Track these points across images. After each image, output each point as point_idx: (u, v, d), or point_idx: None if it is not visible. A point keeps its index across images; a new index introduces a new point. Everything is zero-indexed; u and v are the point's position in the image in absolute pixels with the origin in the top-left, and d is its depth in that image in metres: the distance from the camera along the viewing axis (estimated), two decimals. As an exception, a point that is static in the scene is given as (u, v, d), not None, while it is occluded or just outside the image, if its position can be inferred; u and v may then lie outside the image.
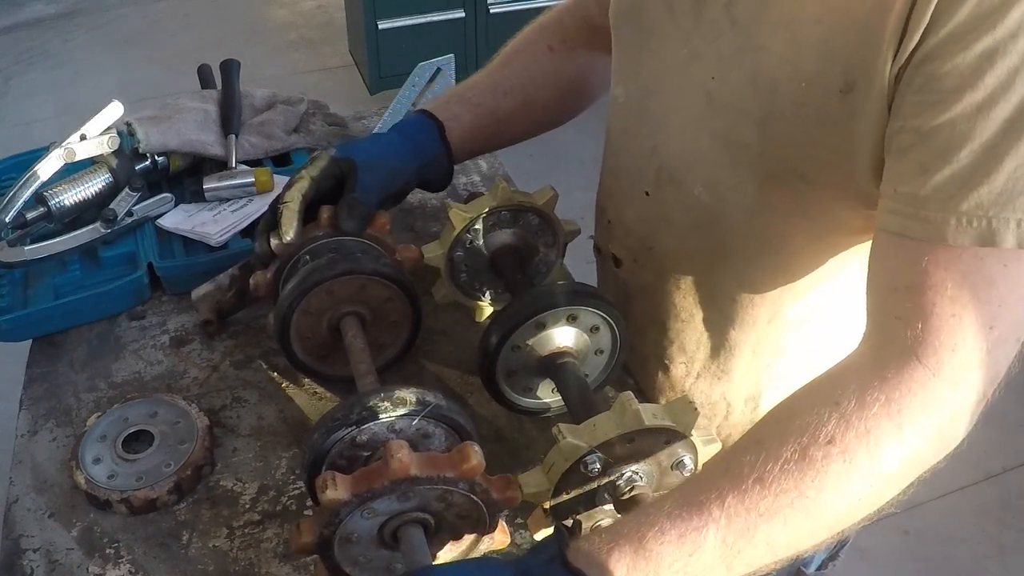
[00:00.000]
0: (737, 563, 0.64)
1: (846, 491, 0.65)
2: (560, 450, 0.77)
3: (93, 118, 1.23)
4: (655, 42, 0.90)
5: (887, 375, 0.66)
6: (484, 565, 0.67)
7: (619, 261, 1.04)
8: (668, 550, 0.63)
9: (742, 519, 0.63)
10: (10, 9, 5.07)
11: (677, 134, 0.89)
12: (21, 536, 0.89)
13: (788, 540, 0.65)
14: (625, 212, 1.00)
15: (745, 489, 0.64)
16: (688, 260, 0.95)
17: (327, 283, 0.95)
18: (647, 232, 0.98)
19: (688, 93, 0.86)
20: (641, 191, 0.95)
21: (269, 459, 0.97)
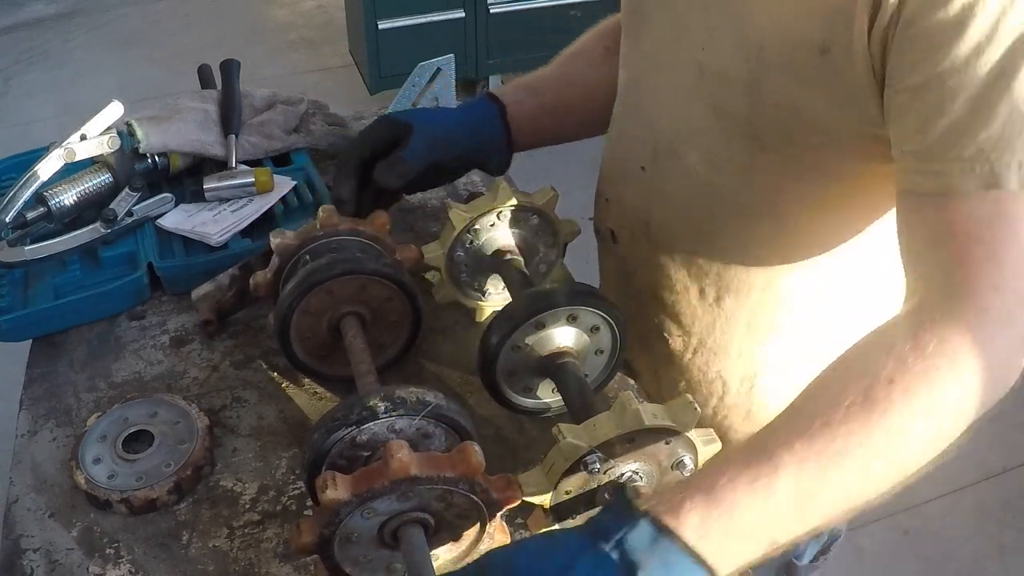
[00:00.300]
0: (810, 510, 0.64)
1: (911, 430, 0.65)
2: (560, 450, 0.77)
3: (93, 118, 1.23)
4: (649, 25, 0.94)
5: (937, 318, 0.67)
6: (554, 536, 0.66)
7: (616, 237, 1.06)
8: (741, 497, 0.63)
9: (812, 463, 0.63)
10: (10, 9, 5.07)
11: (671, 108, 0.91)
12: (21, 536, 0.89)
13: (860, 484, 0.65)
14: (622, 190, 1.03)
15: (813, 434, 0.64)
16: (684, 232, 0.96)
17: (327, 283, 0.95)
18: (644, 207, 0.99)
19: (680, 67, 0.89)
20: (637, 167, 0.98)
21: (269, 459, 0.97)
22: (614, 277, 1.09)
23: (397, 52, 3.67)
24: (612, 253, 1.08)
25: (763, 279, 0.94)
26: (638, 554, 0.61)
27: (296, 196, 1.31)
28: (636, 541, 0.61)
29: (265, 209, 1.28)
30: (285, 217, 1.28)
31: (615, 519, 0.63)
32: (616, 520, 0.63)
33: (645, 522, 0.62)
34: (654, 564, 0.60)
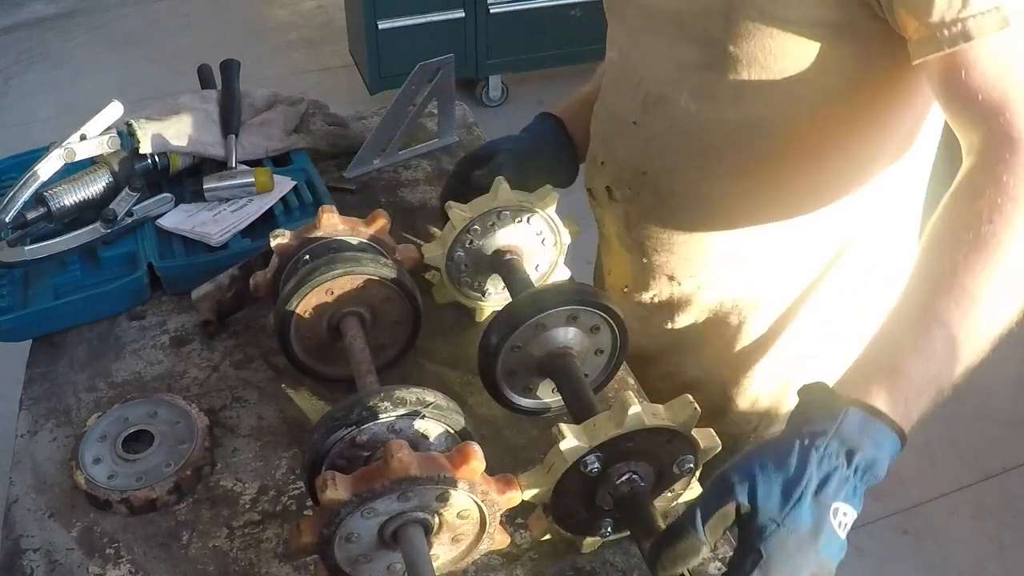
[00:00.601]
0: (963, 354, 0.73)
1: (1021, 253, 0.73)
2: (560, 450, 0.77)
3: (93, 118, 1.24)
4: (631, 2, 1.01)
5: (1005, 157, 0.75)
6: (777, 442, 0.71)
7: (614, 193, 1.09)
8: (911, 364, 0.72)
9: (956, 314, 0.72)
10: (10, 9, 5.07)
11: (657, 61, 0.97)
12: (21, 536, 0.89)
13: (997, 315, 0.74)
14: (615, 147, 1.07)
15: (946, 289, 0.73)
16: (682, 171, 1.00)
17: (327, 283, 0.95)
18: (639, 158, 1.03)
19: (663, 22, 0.95)
20: (628, 123, 1.03)
21: (269, 459, 0.97)
22: (616, 236, 1.12)
23: (397, 52, 3.67)
24: (611, 210, 1.11)
25: (764, 203, 0.98)
26: (854, 440, 0.69)
27: (296, 196, 1.31)
28: (849, 429, 0.69)
29: (265, 209, 1.28)
30: (285, 217, 1.28)
31: (825, 415, 0.70)
32: (826, 416, 0.70)
33: (854, 410, 0.69)
34: (867, 444, 0.69)
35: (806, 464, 0.68)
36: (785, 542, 0.66)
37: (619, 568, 0.86)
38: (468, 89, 3.97)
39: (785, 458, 0.68)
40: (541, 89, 4.11)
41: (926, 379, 0.72)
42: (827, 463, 0.68)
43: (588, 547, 0.87)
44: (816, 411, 0.71)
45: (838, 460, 0.68)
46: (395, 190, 1.41)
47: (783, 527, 0.66)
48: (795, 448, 0.68)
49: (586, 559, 0.87)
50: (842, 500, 0.68)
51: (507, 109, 4.05)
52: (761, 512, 0.66)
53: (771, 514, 0.66)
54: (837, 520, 0.68)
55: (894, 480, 2.70)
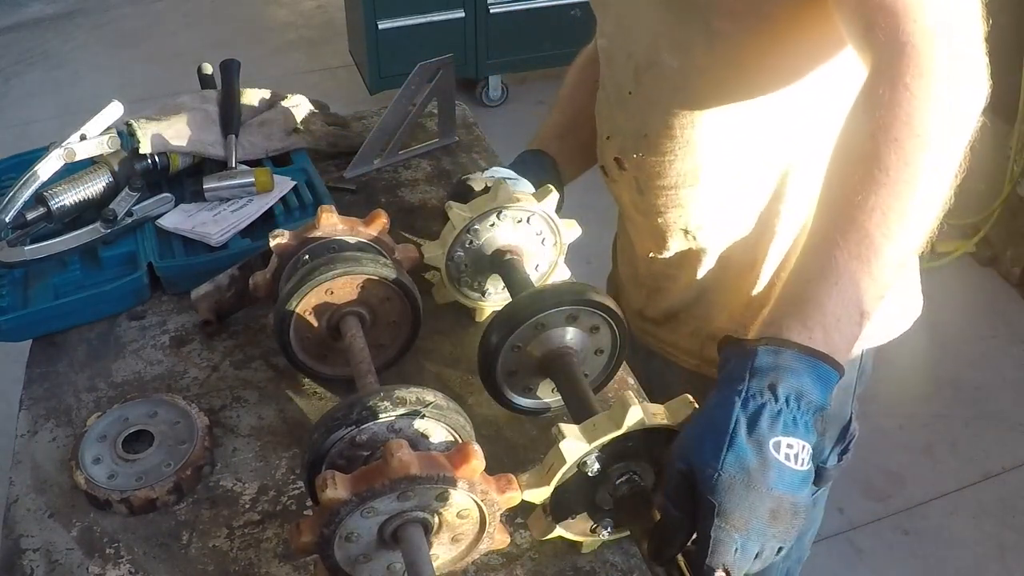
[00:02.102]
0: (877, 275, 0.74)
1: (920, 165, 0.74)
2: (560, 450, 0.77)
3: (93, 118, 1.24)
4: None
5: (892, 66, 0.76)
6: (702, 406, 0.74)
7: (622, 163, 1.12)
8: (823, 294, 0.73)
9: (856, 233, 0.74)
10: (10, 9, 5.08)
11: (645, 31, 1.02)
12: (21, 536, 0.89)
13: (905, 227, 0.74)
14: (617, 119, 1.12)
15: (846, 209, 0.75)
16: (675, 126, 1.02)
17: (327, 283, 0.95)
18: (638, 123, 1.07)
19: None
20: (625, 94, 1.08)
21: (269, 459, 0.97)
22: (632, 205, 1.15)
23: (397, 52, 3.67)
24: (621, 180, 1.14)
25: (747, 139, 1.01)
26: (770, 373, 0.70)
27: (296, 196, 1.31)
28: (763, 365, 0.70)
29: (265, 209, 1.28)
30: (285, 217, 1.28)
31: (738, 361, 0.72)
32: (740, 360, 0.72)
33: (762, 348, 0.71)
34: (786, 374, 0.70)
35: (729, 409, 0.70)
36: (731, 484, 0.68)
37: (619, 568, 0.86)
38: (468, 89, 3.97)
39: (709, 412, 0.71)
40: (541, 89, 4.11)
41: (840, 304, 0.73)
42: (752, 403, 0.70)
43: (588, 547, 0.87)
44: (730, 360, 0.73)
45: (763, 398, 0.70)
46: (395, 190, 1.41)
47: (724, 472, 0.68)
48: (715, 400, 0.72)
49: (586, 559, 0.87)
50: (781, 433, 0.69)
51: (507, 109, 4.05)
52: (699, 467, 0.69)
53: (708, 465, 0.68)
54: (783, 454, 0.69)
55: (894, 480, 2.71)
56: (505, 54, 3.90)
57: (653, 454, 0.80)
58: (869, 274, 0.74)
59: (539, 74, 4.13)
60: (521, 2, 3.79)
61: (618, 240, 1.33)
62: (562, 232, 1.10)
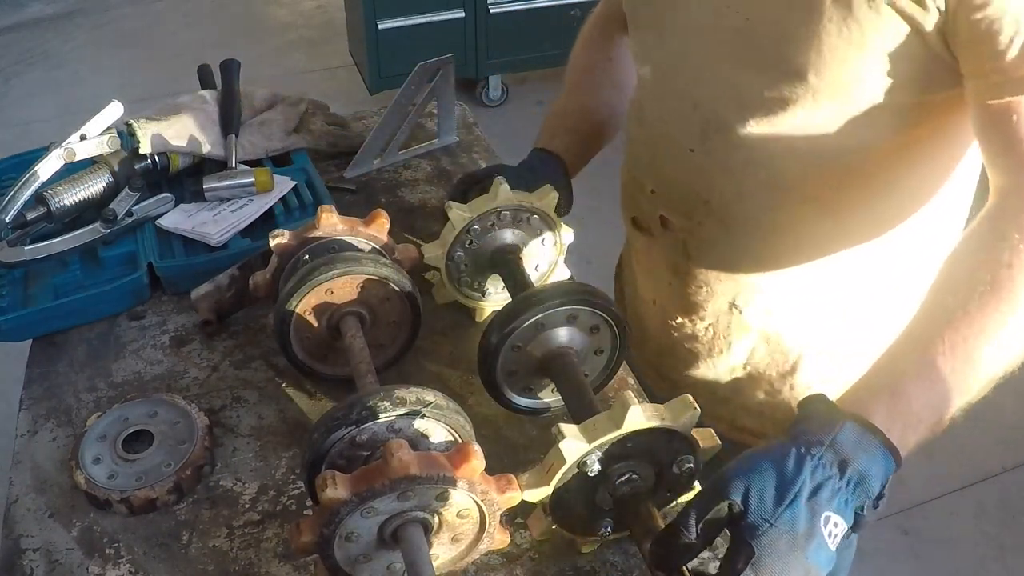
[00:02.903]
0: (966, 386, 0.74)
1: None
2: (560, 450, 0.77)
3: (93, 118, 1.24)
4: (675, 13, 0.95)
5: (1012, 194, 0.78)
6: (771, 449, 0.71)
7: (668, 223, 1.06)
8: (912, 389, 0.74)
9: (961, 348, 0.74)
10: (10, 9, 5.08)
11: (718, 83, 0.93)
12: (21, 536, 0.89)
13: (1002, 355, 0.75)
14: (669, 175, 1.04)
15: (956, 323, 0.75)
16: (748, 200, 0.97)
17: (326, 283, 0.95)
18: (700, 187, 1.00)
19: (722, 43, 0.91)
20: (684, 150, 0.99)
21: (269, 459, 0.97)
22: (668, 266, 1.09)
23: (397, 52, 3.67)
24: (664, 240, 1.08)
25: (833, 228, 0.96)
26: (847, 451, 0.70)
27: (296, 196, 1.31)
28: (844, 441, 0.70)
29: (265, 209, 1.28)
30: (285, 217, 1.28)
31: (822, 425, 0.71)
32: (824, 426, 0.71)
33: (851, 424, 0.71)
34: (861, 457, 0.70)
35: (801, 469, 0.69)
36: (777, 541, 0.67)
37: (619, 568, 0.86)
38: (468, 89, 3.97)
39: (781, 462, 0.69)
40: (541, 89, 4.11)
41: (926, 407, 0.73)
42: (821, 472, 0.69)
43: (588, 547, 0.87)
44: (814, 421, 0.72)
45: (832, 470, 0.69)
46: (395, 190, 1.41)
47: (775, 527, 0.67)
48: (791, 453, 0.69)
49: (586, 559, 0.87)
50: (834, 510, 0.69)
51: (507, 109, 4.05)
52: (754, 511, 0.68)
53: (764, 513, 0.67)
54: (828, 530, 0.68)
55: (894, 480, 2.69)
56: (505, 54, 3.90)
57: (653, 454, 0.80)
58: (962, 388, 0.74)
59: (539, 74, 4.13)
60: (521, 2, 3.79)
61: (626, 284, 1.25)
62: (562, 232, 1.10)
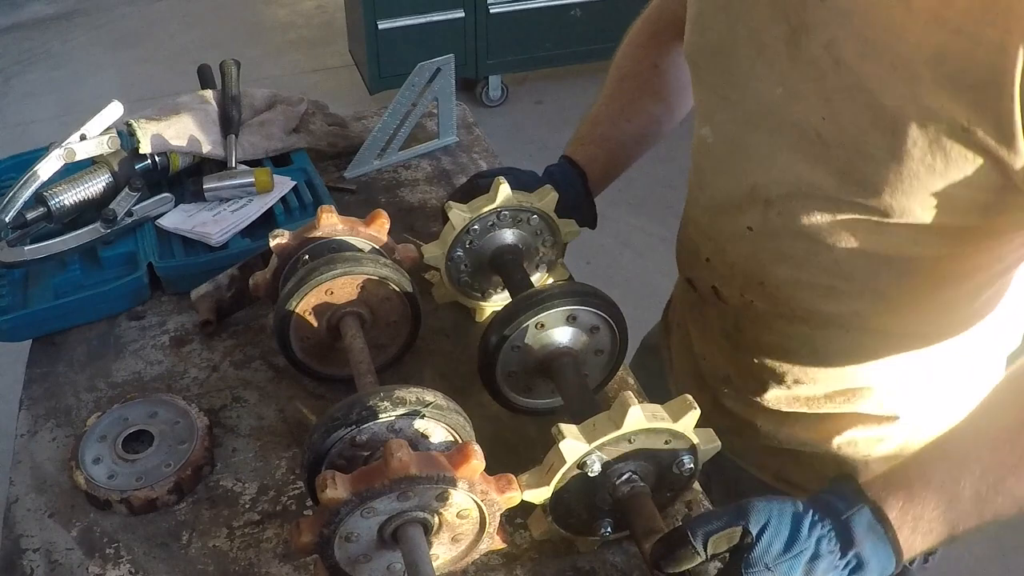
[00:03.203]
0: (986, 510, 0.73)
1: None
2: (560, 450, 0.77)
3: (93, 118, 1.23)
4: (745, 82, 0.89)
5: None
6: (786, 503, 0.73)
7: (722, 295, 1.03)
8: (931, 496, 0.73)
9: (992, 473, 0.72)
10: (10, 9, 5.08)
11: (785, 171, 0.88)
12: (21, 536, 0.89)
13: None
14: (727, 249, 1.00)
15: (996, 446, 0.74)
16: (806, 288, 0.94)
17: (326, 283, 0.95)
18: (755, 267, 0.97)
19: (792, 132, 0.86)
20: (743, 227, 0.95)
21: (269, 459, 0.97)
22: (721, 333, 1.07)
23: (397, 52, 3.67)
24: (718, 309, 1.05)
25: (895, 321, 0.93)
26: (857, 533, 0.71)
27: (296, 196, 1.31)
28: (857, 523, 0.72)
29: (265, 209, 1.28)
30: (285, 217, 1.28)
31: (842, 502, 0.73)
32: (843, 502, 0.73)
33: (867, 509, 0.72)
34: (867, 544, 0.71)
35: (812, 533, 0.71)
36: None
37: (619, 568, 0.86)
38: (468, 89, 3.97)
39: (800, 517, 0.72)
40: (541, 89, 4.11)
41: (939, 519, 0.73)
42: (826, 544, 0.71)
43: (588, 547, 0.87)
44: (837, 495, 0.74)
45: (834, 546, 0.71)
46: (395, 190, 1.41)
47: (772, 572, 0.70)
48: (809, 514, 0.72)
49: (586, 559, 0.87)
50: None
51: (507, 109, 4.05)
52: (761, 548, 0.70)
53: (769, 556, 0.70)
54: None
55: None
56: (505, 54, 3.90)
57: (653, 454, 0.80)
58: (982, 513, 0.73)
59: (539, 74, 4.13)
60: (521, 2, 3.78)
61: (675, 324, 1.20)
62: (562, 232, 1.10)
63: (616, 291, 0.98)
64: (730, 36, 0.90)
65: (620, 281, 2.79)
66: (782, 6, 0.84)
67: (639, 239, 3.07)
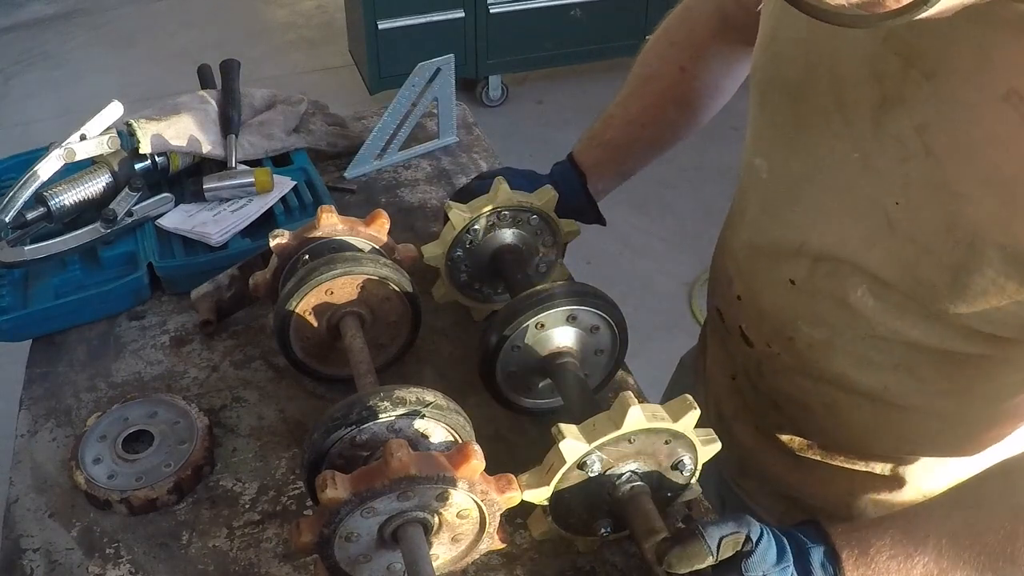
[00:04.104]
0: None
1: None
2: (560, 450, 0.77)
3: (93, 118, 1.23)
4: (816, 132, 0.81)
5: None
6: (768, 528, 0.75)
7: (750, 340, 0.99)
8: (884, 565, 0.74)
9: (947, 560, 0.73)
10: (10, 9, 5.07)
11: (843, 240, 0.82)
12: (21, 536, 0.89)
13: None
14: (763, 295, 0.94)
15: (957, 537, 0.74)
16: (838, 353, 0.89)
17: (326, 283, 0.95)
18: (788, 320, 0.92)
19: (860, 205, 0.79)
20: (785, 278, 0.89)
21: (269, 459, 0.97)
22: (744, 373, 1.04)
23: (397, 52, 3.67)
24: (743, 351, 1.01)
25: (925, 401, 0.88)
26: (811, 566, 0.74)
27: (296, 196, 1.31)
28: (814, 557, 0.75)
29: (265, 209, 1.28)
30: (285, 217, 1.28)
31: (808, 536, 0.76)
32: (809, 537, 0.76)
33: (823, 548, 0.75)
34: None
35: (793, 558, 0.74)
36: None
37: (619, 568, 0.86)
38: (468, 89, 3.97)
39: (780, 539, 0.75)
40: (541, 89, 4.11)
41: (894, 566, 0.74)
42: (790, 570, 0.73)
43: (588, 547, 0.87)
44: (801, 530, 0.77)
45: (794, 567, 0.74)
46: (395, 190, 1.41)
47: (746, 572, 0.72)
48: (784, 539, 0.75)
49: (586, 559, 0.87)
50: None
51: (507, 109, 4.05)
52: (758, 555, 0.72)
53: (766, 564, 0.72)
54: None
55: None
56: (505, 54, 3.90)
57: (653, 454, 0.80)
58: None
59: (539, 74, 4.13)
60: (521, 2, 3.79)
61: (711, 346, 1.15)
62: (562, 232, 1.10)
63: (616, 291, 0.98)
64: (808, 77, 0.81)
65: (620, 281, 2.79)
66: (879, 68, 0.74)
67: (639, 239, 3.07)
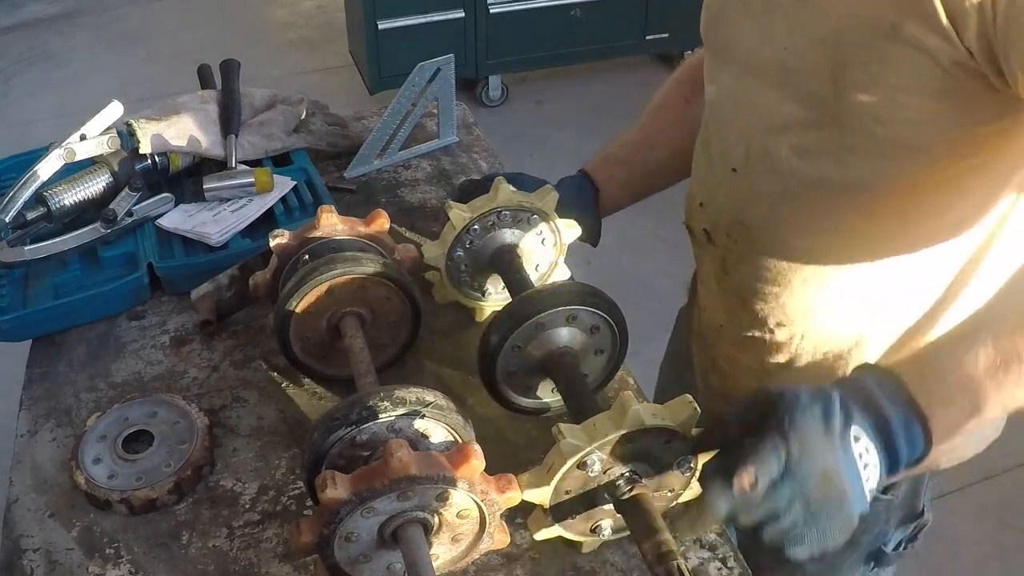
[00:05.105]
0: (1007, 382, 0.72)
1: None
2: (560, 450, 0.77)
3: (93, 118, 1.24)
4: (736, 39, 0.99)
5: None
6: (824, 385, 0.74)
7: (712, 238, 1.08)
8: (946, 362, 0.75)
9: (1005, 343, 0.73)
10: (10, 9, 5.07)
11: (761, 110, 0.96)
12: (21, 536, 0.89)
13: None
14: (715, 192, 1.06)
15: (1007, 327, 0.74)
16: (781, 224, 0.99)
17: (326, 283, 0.95)
18: (738, 207, 1.03)
19: (767, 70, 0.94)
20: (728, 170, 1.02)
21: (269, 459, 0.97)
22: (713, 277, 1.11)
23: (397, 52, 3.67)
24: (709, 253, 1.10)
25: (858, 260, 0.97)
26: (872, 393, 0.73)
27: (296, 196, 1.31)
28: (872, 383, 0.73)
29: (265, 209, 1.28)
30: (285, 217, 1.28)
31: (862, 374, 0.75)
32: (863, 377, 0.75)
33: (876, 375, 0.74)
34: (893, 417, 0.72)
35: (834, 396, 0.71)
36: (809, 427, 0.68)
37: (619, 568, 0.86)
38: (468, 89, 3.97)
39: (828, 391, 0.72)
40: (541, 89, 4.11)
41: (958, 385, 0.73)
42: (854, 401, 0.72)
43: (588, 547, 0.87)
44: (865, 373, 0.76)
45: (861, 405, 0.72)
46: (395, 190, 1.41)
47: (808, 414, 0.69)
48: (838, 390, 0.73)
49: (586, 559, 0.87)
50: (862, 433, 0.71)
51: (507, 109, 4.05)
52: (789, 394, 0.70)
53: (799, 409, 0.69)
54: (858, 451, 0.70)
55: (894, 480, 2.69)
56: (505, 54, 3.90)
57: (653, 454, 0.80)
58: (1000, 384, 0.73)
59: (539, 74, 4.13)
60: (521, 2, 3.78)
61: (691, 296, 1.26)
62: (562, 232, 1.10)
63: (616, 291, 0.98)
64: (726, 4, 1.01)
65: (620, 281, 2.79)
66: None
67: (639, 239, 3.07)
